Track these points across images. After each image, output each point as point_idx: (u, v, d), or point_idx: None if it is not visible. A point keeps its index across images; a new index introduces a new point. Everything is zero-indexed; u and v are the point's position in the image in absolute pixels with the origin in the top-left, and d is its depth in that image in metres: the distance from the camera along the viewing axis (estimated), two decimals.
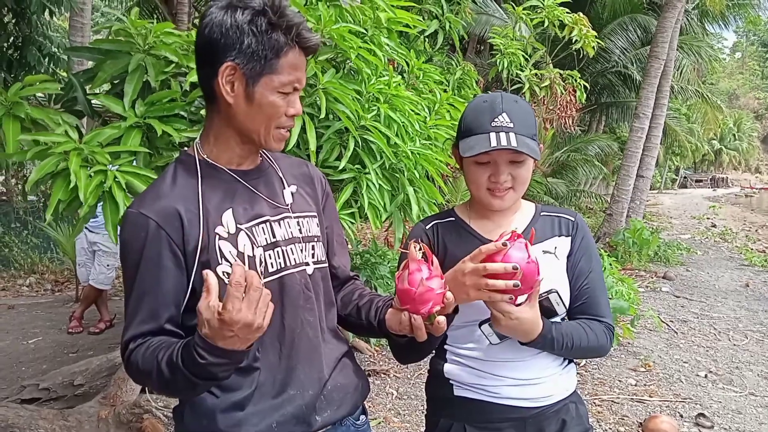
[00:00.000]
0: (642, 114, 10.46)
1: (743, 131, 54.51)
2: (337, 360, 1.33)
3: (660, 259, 10.27)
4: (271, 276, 1.23)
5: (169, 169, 1.25)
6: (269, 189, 1.30)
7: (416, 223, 1.51)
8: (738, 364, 5.00)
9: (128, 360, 1.15)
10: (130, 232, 1.18)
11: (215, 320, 0.97)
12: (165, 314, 1.16)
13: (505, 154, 1.29)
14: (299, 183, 1.37)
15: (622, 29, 13.89)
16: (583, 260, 1.42)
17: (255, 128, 1.21)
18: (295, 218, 1.31)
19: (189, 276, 1.17)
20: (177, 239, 1.16)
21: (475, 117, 1.33)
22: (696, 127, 29.81)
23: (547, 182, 11.60)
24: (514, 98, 1.36)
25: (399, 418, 3.75)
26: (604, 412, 3.92)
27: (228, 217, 1.20)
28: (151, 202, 1.18)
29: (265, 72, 1.17)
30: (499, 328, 1.24)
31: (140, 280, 1.16)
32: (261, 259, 1.22)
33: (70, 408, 3.23)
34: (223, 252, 1.18)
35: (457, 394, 1.39)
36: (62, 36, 7.08)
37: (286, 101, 1.21)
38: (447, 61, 5.77)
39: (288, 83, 1.19)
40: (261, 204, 1.26)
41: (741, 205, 30.20)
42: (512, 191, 1.34)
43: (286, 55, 1.17)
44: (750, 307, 7.19)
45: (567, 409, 1.41)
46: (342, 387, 1.31)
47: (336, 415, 1.28)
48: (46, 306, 6.65)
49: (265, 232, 1.24)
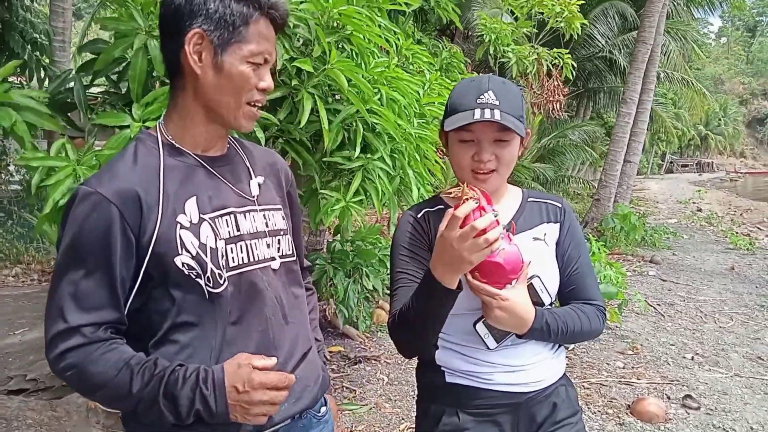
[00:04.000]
0: (629, 99, 10.49)
1: (729, 116, 55.01)
2: (301, 355, 1.29)
3: (647, 243, 10.38)
4: (232, 271, 1.16)
5: (129, 149, 1.16)
6: (236, 178, 1.24)
7: (405, 212, 1.47)
8: (723, 346, 5.07)
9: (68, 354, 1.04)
10: (81, 211, 1.06)
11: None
12: (109, 304, 1.07)
13: (489, 132, 1.27)
14: (266, 174, 1.32)
15: (604, 15, 13.93)
16: (572, 246, 1.42)
17: (225, 101, 1.14)
18: (261, 211, 1.25)
19: (139, 266, 1.09)
20: (133, 224, 1.07)
21: (461, 95, 1.31)
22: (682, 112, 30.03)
23: (534, 168, 11.63)
24: (502, 80, 1.35)
25: (390, 403, 3.76)
26: (592, 395, 3.96)
27: (191, 206, 1.13)
28: (108, 181, 1.08)
29: (234, 40, 1.11)
30: (492, 318, 1.24)
31: (88, 262, 1.06)
32: (223, 252, 1.15)
33: (59, 398, 3.20)
34: (184, 242, 1.10)
35: (449, 381, 1.38)
36: (43, 21, 6.92)
37: (257, 74, 1.15)
38: (434, 44, 5.73)
39: (258, 53, 1.13)
40: (227, 193, 1.20)
41: (726, 190, 30.54)
42: (496, 173, 1.31)
43: (257, 24, 1.13)
44: (735, 289, 7.30)
45: (557, 393, 1.42)
46: (301, 380, 1.24)
47: (294, 408, 1.24)
48: (32, 296, 6.57)
49: (229, 225, 1.18)
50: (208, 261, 1.12)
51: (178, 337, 1.13)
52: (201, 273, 1.11)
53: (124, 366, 1.05)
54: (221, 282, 1.14)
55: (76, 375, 1.06)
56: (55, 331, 1.05)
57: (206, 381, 1.06)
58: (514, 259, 1.19)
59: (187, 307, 1.12)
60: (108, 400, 1.10)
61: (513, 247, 1.20)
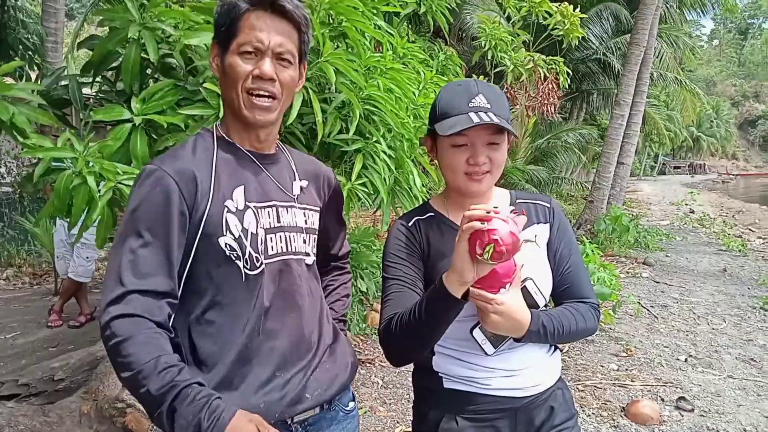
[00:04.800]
0: (622, 101, 10.54)
1: (721, 118, 55.35)
2: (329, 344, 1.37)
3: (640, 245, 10.42)
4: (270, 258, 1.25)
5: (189, 141, 1.29)
6: (281, 176, 1.34)
7: (396, 221, 1.47)
8: (716, 348, 5.09)
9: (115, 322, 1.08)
10: (145, 185, 1.17)
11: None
12: (164, 273, 1.14)
13: (483, 135, 1.28)
14: (309, 179, 1.42)
15: (599, 17, 14.01)
16: (563, 245, 1.43)
17: (230, 97, 1.24)
18: (301, 209, 1.35)
19: (191, 243, 1.18)
20: (189, 201, 1.17)
21: (450, 99, 1.31)
22: (675, 114, 30.21)
23: (528, 170, 11.67)
24: (487, 83, 1.36)
25: (385, 407, 3.76)
26: (587, 397, 3.97)
27: (238, 194, 1.23)
28: (170, 162, 1.20)
29: (231, 39, 1.21)
30: (489, 323, 1.23)
31: (147, 231, 1.13)
32: (262, 239, 1.24)
33: (51, 404, 3.17)
34: (229, 225, 1.20)
35: (447, 387, 1.37)
36: (35, 22, 6.88)
37: (248, 62, 1.21)
38: (429, 46, 5.73)
39: (245, 42, 1.20)
40: (271, 188, 1.30)
41: (718, 191, 30.76)
42: (489, 175, 1.33)
43: (248, 18, 1.20)
44: (728, 291, 7.34)
45: (555, 396, 1.41)
46: (331, 369, 1.34)
47: (325, 396, 1.31)
48: (24, 300, 6.52)
49: (270, 216, 1.28)
50: (247, 244, 1.22)
51: (212, 317, 1.21)
52: (240, 255, 1.21)
53: (155, 360, 1.06)
54: (258, 265, 1.23)
55: (115, 347, 1.07)
56: (112, 296, 1.10)
57: (212, 414, 1.05)
58: (508, 262, 1.19)
59: (224, 288, 1.21)
60: (128, 384, 1.10)
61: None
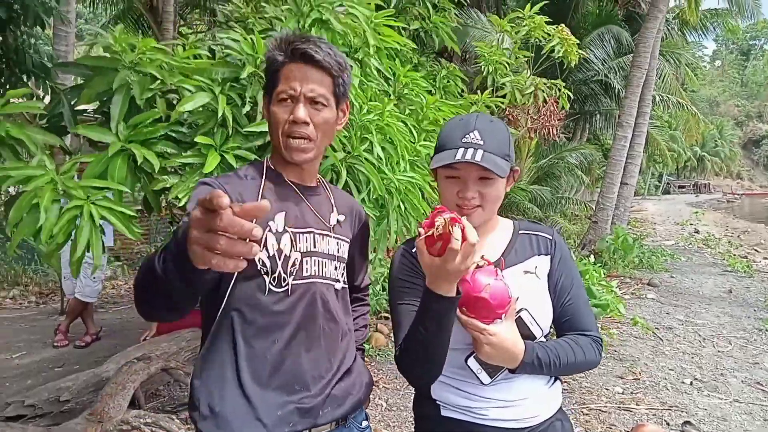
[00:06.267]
0: (625, 123, 10.60)
1: (724, 138, 55.39)
2: (347, 367, 1.46)
3: (645, 265, 10.37)
4: (303, 280, 1.36)
5: (242, 168, 1.43)
6: (320, 208, 1.46)
7: (399, 247, 1.50)
8: (722, 371, 5.06)
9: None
10: (198, 190, 1.27)
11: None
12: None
13: (473, 171, 1.30)
14: (345, 213, 1.54)
15: (601, 40, 14.13)
16: (564, 277, 1.43)
17: (274, 141, 1.38)
18: (335, 239, 1.46)
19: None
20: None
21: (449, 133, 1.35)
22: (678, 134, 30.25)
23: (532, 190, 11.70)
24: (491, 118, 1.38)
25: (388, 429, 3.75)
26: (591, 421, 3.95)
27: (280, 218, 1.34)
28: (222, 180, 1.33)
29: (273, 90, 1.35)
30: (482, 353, 1.24)
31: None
32: (295, 261, 1.34)
33: (57, 425, 3.18)
34: (267, 243, 1.30)
35: (444, 415, 1.39)
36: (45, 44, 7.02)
37: (285, 109, 1.33)
38: (431, 65, 5.81)
39: (281, 91, 1.33)
40: (310, 217, 1.42)
41: (723, 211, 30.64)
42: (480, 209, 1.33)
43: (283, 69, 1.33)
44: (733, 313, 7.30)
45: (553, 428, 1.41)
46: (345, 388, 1.43)
47: (336, 413, 1.39)
48: (30, 319, 6.55)
49: (307, 241, 1.38)
50: (279, 263, 1.32)
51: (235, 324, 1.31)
52: (270, 271, 1.31)
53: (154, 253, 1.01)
54: (284, 285, 1.33)
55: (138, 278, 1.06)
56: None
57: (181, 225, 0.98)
58: (501, 294, 1.20)
59: (245, 298, 1.31)
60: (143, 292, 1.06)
61: (500, 282, 1.22)
